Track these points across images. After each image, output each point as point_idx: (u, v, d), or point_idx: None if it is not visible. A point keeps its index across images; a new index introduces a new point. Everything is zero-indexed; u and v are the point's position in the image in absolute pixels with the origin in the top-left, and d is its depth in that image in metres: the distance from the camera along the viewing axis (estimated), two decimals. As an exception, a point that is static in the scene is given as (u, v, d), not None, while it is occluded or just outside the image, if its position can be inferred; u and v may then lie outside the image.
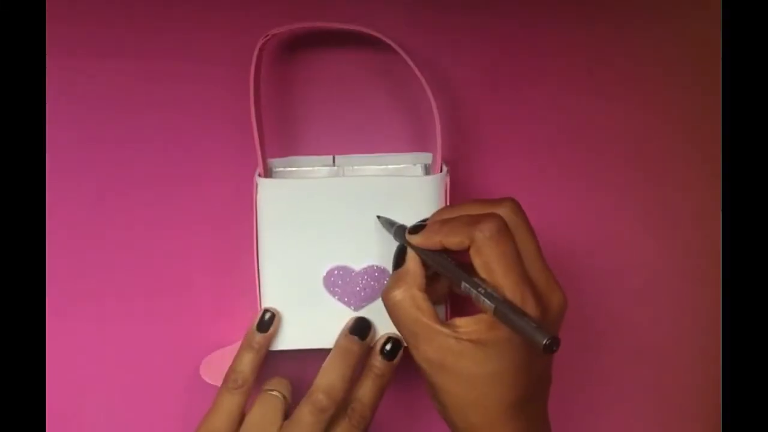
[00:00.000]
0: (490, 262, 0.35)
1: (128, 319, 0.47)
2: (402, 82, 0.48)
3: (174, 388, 0.47)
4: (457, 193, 0.44)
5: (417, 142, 0.48)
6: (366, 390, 0.41)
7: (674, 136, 0.50)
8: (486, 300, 0.35)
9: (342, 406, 0.41)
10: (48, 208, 0.46)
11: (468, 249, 0.36)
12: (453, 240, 0.37)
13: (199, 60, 0.47)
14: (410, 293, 0.38)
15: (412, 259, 0.39)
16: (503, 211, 0.37)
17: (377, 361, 0.42)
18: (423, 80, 0.43)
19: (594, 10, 0.50)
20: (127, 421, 0.47)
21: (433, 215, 0.40)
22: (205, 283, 0.47)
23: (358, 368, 0.42)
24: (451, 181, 0.44)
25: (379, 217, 0.43)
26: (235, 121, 0.46)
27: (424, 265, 0.39)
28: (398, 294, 0.38)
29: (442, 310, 0.44)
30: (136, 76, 0.47)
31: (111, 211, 0.47)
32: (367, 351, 0.43)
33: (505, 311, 0.34)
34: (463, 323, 0.36)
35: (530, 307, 0.35)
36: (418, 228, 0.39)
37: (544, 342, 0.31)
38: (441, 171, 0.44)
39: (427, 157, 0.46)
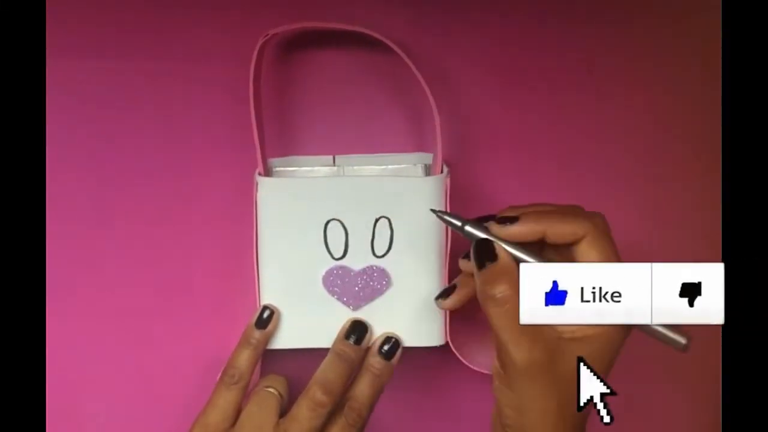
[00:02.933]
0: (608, 259, 0.36)
1: (128, 319, 0.47)
2: (402, 83, 0.48)
3: (173, 386, 0.47)
4: (457, 193, 0.44)
5: (417, 143, 0.48)
6: (363, 388, 0.41)
7: (674, 136, 0.50)
8: None
9: (339, 405, 0.41)
10: (47, 208, 0.46)
11: (571, 243, 0.36)
12: (564, 229, 0.36)
13: (199, 60, 0.47)
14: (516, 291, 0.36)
15: (504, 252, 0.37)
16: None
17: (375, 361, 0.42)
18: (422, 80, 0.43)
19: (594, 10, 0.50)
20: (127, 419, 0.47)
21: (504, 211, 0.38)
22: (205, 283, 0.47)
23: (356, 370, 0.42)
24: (450, 181, 0.44)
25: (434, 210, 0.41)
26: (235, 121, 0.46)
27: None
28: (506, 290, 0.35)
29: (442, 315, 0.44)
30: (136, 76, 0.47)
31: (110, 211, 0.47)
32: (365, 353, 0.43)
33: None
34: (566, 327, 0.36)
35: None
36: (509, 219, 0.37)
37: (683, 342, 0.35)
38: (441, 172, 0.44)
39: (427, 158, 0.46)
